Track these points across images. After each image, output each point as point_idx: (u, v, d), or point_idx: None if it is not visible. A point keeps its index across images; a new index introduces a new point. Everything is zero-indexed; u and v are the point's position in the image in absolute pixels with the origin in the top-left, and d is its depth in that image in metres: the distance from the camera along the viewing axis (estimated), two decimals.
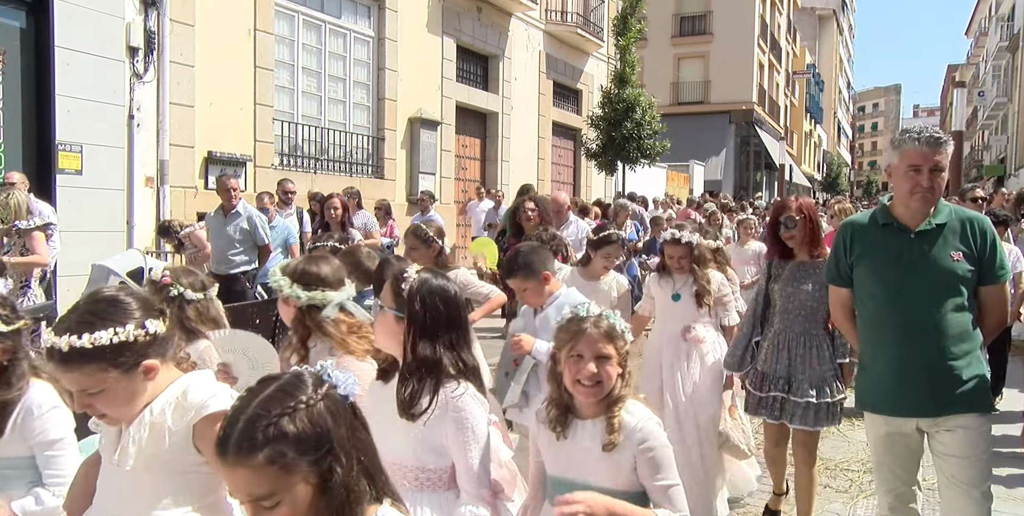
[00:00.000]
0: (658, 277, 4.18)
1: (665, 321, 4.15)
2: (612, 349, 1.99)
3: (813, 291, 3.55)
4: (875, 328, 2.78)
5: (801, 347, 3.57)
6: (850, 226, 2.85)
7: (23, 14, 7.29)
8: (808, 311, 3.57)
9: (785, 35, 42.14)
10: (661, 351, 4.08)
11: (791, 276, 3.62)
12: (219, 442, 1.28)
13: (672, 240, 3.97)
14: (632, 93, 16.50)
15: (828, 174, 56.67)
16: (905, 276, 2.67)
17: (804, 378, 3.55)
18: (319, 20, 11.12)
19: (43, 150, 7.37)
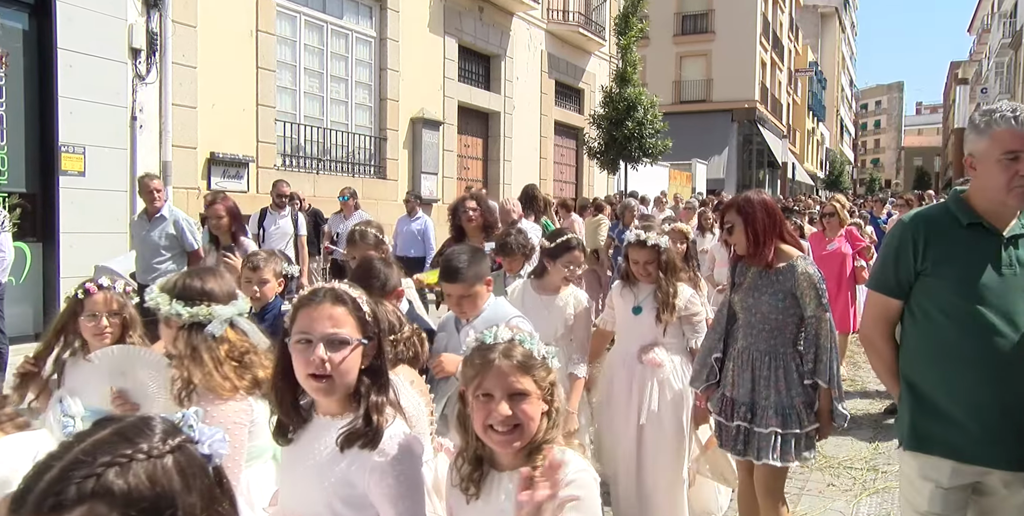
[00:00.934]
0: (621, 285, 3.68)
1: (623, 338, 3.66)
2: (530, 383, 1.60)
3: (776, 302, 3.04)
4: (945, 354, 2.20)
5: (766, 368, 3.06)
6: (922, 222, 2.26)
7: (25, 16, 7.30)
8: (773, 326, 3.06)
9: (787, 33, 42.06)
10: (615, 374, 3.62)
11: (752, 285, 3.11)
12: (15, 497, 0.90)
13: (637, 243, 3.50)
14: (634, 92, 16.50)
15: (831, 172, 56.55)
16: (998, 293, 2.13)
17: (768, 404, 3.04)
18: (321, 21, 11.12)
19: (46, 152, 7.38)
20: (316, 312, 1.64)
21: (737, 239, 3.09)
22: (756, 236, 3.05)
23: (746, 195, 3.16)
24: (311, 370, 1.61)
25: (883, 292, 2.35)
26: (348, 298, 1.68)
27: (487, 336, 1.66)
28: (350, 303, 1.68)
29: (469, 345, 1.69)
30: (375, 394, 1.68)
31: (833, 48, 58.14)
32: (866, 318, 2.45)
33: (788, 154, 39.74)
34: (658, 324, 3.49)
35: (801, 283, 3.02)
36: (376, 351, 1.72)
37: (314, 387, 1.64)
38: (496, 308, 3.03)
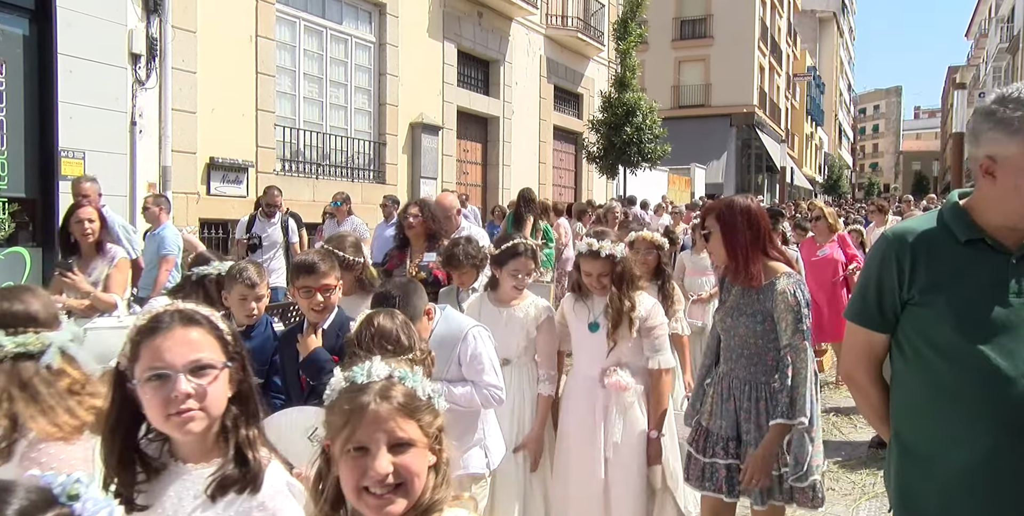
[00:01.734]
0: (573, 299, 3.27)
1: (581, 360, 3.25)
2: (414, 429, 1.28)
3: (754, 325, 2.71)
4: (941, 403, 1.75)
5: (746, 398, 2.74)
6: (909, 237, 1.77)
7: (26, 21, 7.32)
8: (752, 352, 2.74)
9: (785, 38, 42.18)
10: (571, 405, 3.21)
11: (734, 304, 2.80)
12: None
13: (589, 253, 3.08)
14: (633, 97, 16.54)
15: (829, 176, 56.64)
16: (1004, 327, 1.68)
17: (750, 440, 2.71)
18: (320, 26, 11.16)
19: (45, 157, 7.39)
20: (167, 340, 1.40)
21: (714, 247, 2.82)
22: (735, 251, 2.72)
23: (729, 200, 2.85)
24: (174, 409, 1.37)
25: (863, 324, 1.88)
26: (201, 317, 1.46)
27: (358, 373, 1.32)
28: (205, 322, 1.46)
29: (333, 387, 1.35)
30: (245, 427, 1.46)
31: (831, 53, 58.29)
32: (846, 353, 1.98)
33: (787, 159, 39.79)
34: (615, 342, 3.08)
35: (778, 304, 2.67)
36: (242, 374, 1.50)
37: (181, 427, 1.39)
38: (447, 322, 2.79)
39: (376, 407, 1.27)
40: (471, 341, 2.77)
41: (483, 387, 2.76)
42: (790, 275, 2.72)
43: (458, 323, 2.82)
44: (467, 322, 2.83)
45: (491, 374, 2.78)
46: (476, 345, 2.77)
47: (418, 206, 4.77)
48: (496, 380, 2.79)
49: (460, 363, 2.77)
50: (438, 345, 2.65)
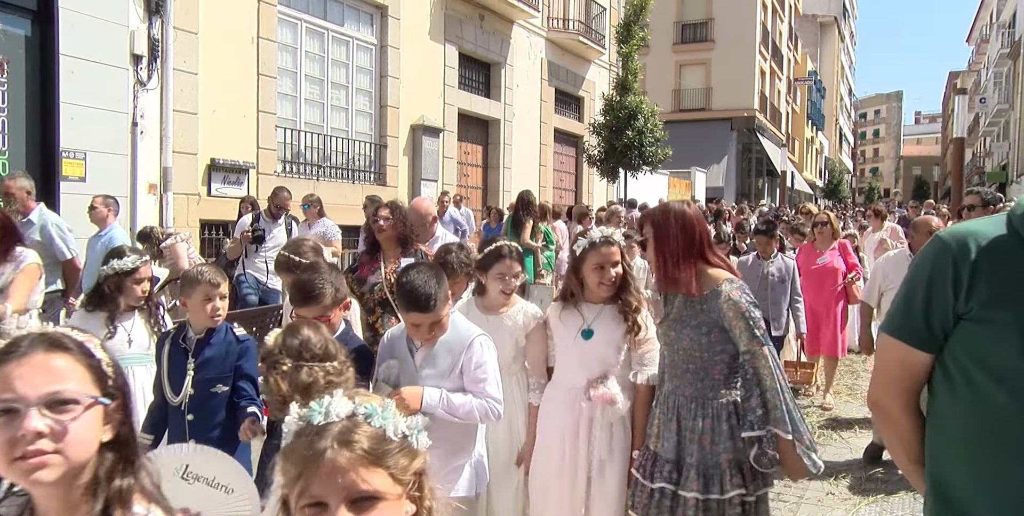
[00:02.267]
0: (560, 307, 3.02)
1: (565, 372, 2.98)
2: (382, 479, 1.09)
3: (698, 337, 2.55)
4: (997, 445, 1.42)
5: (691, 417, 2.56)
6: (972, 242, 1.47)
7: (28, 22, 7.33)
8: (698, 367, 2.57)
9: (786, 42, 42.24)
10: (550, 421, 2.96)
11: (677, 316, 2.64)
12: None
13: (604, 241, 2.85)
14: (634, 100, 16.55)
15: (830, 181, 56.68)
16: None
17: (693, 462, 2.53)
18: (322, 28, 11.17)
19: (47, 157, 7.40)
20: (20, 367, 1.14)
21: (651, 255, 2.70)
22: (665, 258, 2.60)
23: (664, 205, 2.75)
24: (19, 451, 1.11)
25: (905, 340, 1.55)
26: (71, 343, 1.19)
27: (315, 412, 1.12)
28: (75, 349, 1.19)
29: (289, 426, 1.15)
30: (120, 477, 1.19)
31: (832, 57, 58.37)
32: (877, 376, 1.65)
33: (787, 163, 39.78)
34: (620, 351, 2.85)
35: (726, 313, 2.53)
36: (121, 415, 1.23)
37: (27, 475, 1.12)
38: (456, 328, 2.63)
39: (334, 455, 1.06)
40: (477, 349, 2.62)
41: (484, 398, 2.59)
42: (732, 281, 2.58)
43: (465, 329, 2.66)
44: (474, 329, 2.68)
45: (494, 386, 2.63)
46: (482, 354, 2.63)
47: (389, 208, 4.39)
48: (498, 393, 2.64)
49: (463, 372, 2.61)
50: (444, 351, 2.57)
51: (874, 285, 5.10)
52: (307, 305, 2.70)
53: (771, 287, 5.77)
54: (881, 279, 4.98)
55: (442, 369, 2.58)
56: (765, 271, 5.81)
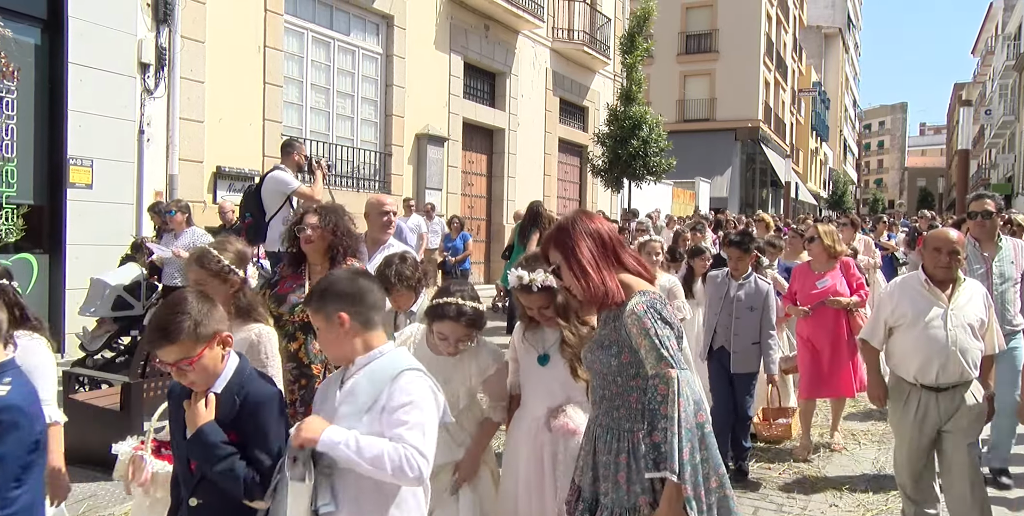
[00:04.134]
0: (522, 328, 2.88)
1: (528, 398, 2.83)
2: None
3: (608, 359, 2.23)
4: None
5: (606, 450, 2.24)
6: None
7: (38, 31, 7.40)
8: (613, 393, 2.24)
9: (791, 53, 42.33)
10: (518, 452, 2.79)
11: (596, 336, 2.36)
12: None
13: (521, 287, 2.69)
14: (638, 111, 16.59)
15: (834, 192, 56.66)
16: None
17: (608, 502, 2.23)
18: (328, 37, 11.23)
19: (54, 164, 7.45)
20: None
21: (569, 281, 2.30)
22: (583, 270, 2.24)
23: (562, 222, 2.37)
24: None
25: None
26: None
27: None
28: None
29: None
30: None
31: (837, 68, 58.46)
32: None
33: (791, 174, 39.82)
34: (576, 379, 2.69)
35: (631, 329, 2.17)
36: None
37: None
38: (391, 358, 2.11)
39: None
40: (403, 385, 2.03)
41: (403, 445, 1.94)
42: (643, 293, 2.20)
43: (396, 360, 2.11)
44: (408, 362, 2.12)
45: (418, 435, 1.98)
46: (410, 392, 2.03)
47: (318, 214, 3.64)
48: (424, 445, 1.97)
49: (382, 410, 2.02)
50: (366, 383, 2.05)
51: (879, 320, 3.65)
52: (159, 345, 2.06)
53: (736, 315, 4.72)
54: (889, 312, 3.57)
55: (359, 405, 2.04)
56: (732, 294, 4.77)
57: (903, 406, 3.54)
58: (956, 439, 3.45)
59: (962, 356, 3.37)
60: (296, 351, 3.49)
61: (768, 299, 4.77)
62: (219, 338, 2.12)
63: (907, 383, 3.53)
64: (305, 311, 3.28)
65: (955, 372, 3.39)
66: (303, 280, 3.58)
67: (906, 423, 3.53)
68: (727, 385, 4.77)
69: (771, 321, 4.78)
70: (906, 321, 3.47)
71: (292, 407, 3.40)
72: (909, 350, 3.47)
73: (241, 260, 2.96)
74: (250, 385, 2.15)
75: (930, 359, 3.39)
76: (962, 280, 3.49)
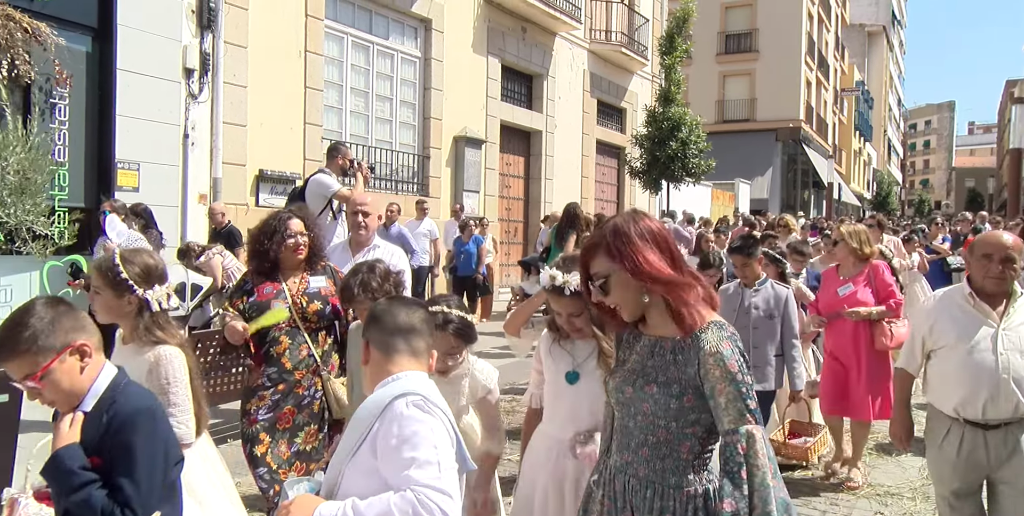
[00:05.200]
0: (550, 339, 2.58)
1: (551, 417, 2.54)
2: None
3: (667, 400, 1.80)
4: None
5: (648, 509, 1.83)
6: None
7: (89, 39, 7.61)
8: (662, 440, 1.84)
9: (833, 52, 41.60)
10: (536, 476, 2.50)
11: (639, 366, 1.89)
12: None
13: (552, 288, 2.44)
14: (677, 111, 16.45)
15: (878, 193, 55.49)
16: None
17: None
18: (367, 41, 11.36)
19: (103, 168, 7.65)
20: None
21: (618, 297, 1.84)
22: (655, 280, 1.79)
23: (618, 224, 1.85)
24: None
25: None
26: None
27: None
28: None
29: None
30: None
31: (880, 67, 57.28)
32: None
33: (834, 174, 39.10)
34: None
35: (711, 371, 1.76)
36: None
37: None
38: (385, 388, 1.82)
39: None
40: (396, 417, 1.72)
41: (411, 488, 1.62)
42: (721, 326, 1.81)
43: (391, 387, 1.80)
44: (401, 388, 1.79)
45: (430, 472, 1.64)
46: (406, 424, 1.70)
47: (302, 220, 3.43)
48: (439, 479, 1.64)
49: (379, 453, 1.72)
50: (354, 422, 1.79)
51: (915, 342, 3.09)
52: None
53: (754, 325, 4.29)
54: (927, 331, 3.01)
55: (349, 445, 1.78)
56: (747, 303, 4.34)
57: (940, 445, 2.95)
58: (1014, 495, 2.82)
59: (1016, 386, 2.78)
60: (280, 355, 3.32)
61: (789, 305, 4.33)
62: (72, 348, 1.83)
63: (947, 417, 2.95)
64: (291, 316, 3.30)
65: (1007, 406, 2.79)
66: (280, 286, 3.37)
67: (945, 466, 2.95)
68: None
69: (794, 329, 4.34)
70: (947, 343, 2.90)
71: (251, 416, 3.31)
72: (950, 378, 2.90)
73: (146, 276, 2.53)
74: (120, 399, 1.85)
75: (976, 389, 2.82)
76: (1018, 294, 2.90)
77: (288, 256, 3.37)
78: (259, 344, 3.33)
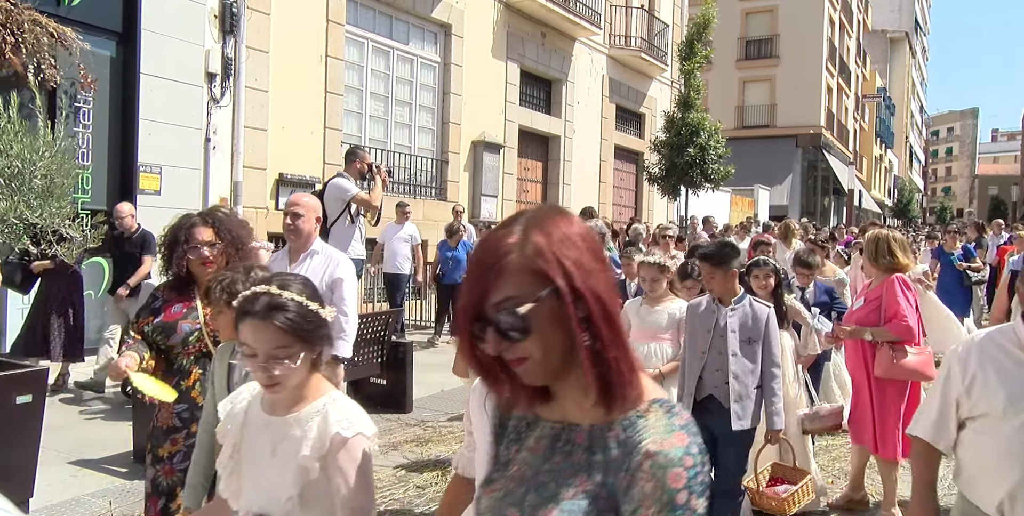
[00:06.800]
0: (483, 391, 1.31)
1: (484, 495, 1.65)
2: None
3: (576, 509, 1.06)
4: None
5: None
6: None
7: (113, 43, 7.70)
8: None
9: (855, 58, 41.28)
10: None
11: (527, 470, 1.15)
12: None
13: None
14: (696, 117, 16.38)
15: (899, 200, 54.92)
16: None
17: None
18: (388, 46, 11.41)
19: (126, 171, 7.73)
20: None
21: (539, 343, 1.08)
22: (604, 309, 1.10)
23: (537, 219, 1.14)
24: None
25: None
26: None
27: None
28: None
29: None
30: None
31: (903, 73, 56.77)
32: None
33: (855, 181, 38.77)
34: None
35: (639, 482, 1.04)
36: None
37: None
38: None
39: None
40: None
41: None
42: (669, 408, 1.11)
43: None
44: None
45: None
46: None
47: (212, 226, 2.85)
48: None
49: None
50: None
51: (946, 404, 2.07)
52: None
53: (732, 351, 3.47)
54: (963, 390, 2.01)
55: None
56: (722, 323, 3.50)
57: None
58: None
59: None
60: (189, 389, 2.71)
61: (769, 327, 3.53)
62: None
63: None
64: (201, 340, 2.71)
65: None
66: (193, 303, 2.80)
67: None
68: (712, 449, 3.40)
69: (774, 356, 3.55)
70: (991, 410, 1.93)
71: (166, 464, 2.66)
72: (994, 461, 1.94)
73: None
74: None
75: None
76: None
77: (197, 269, 2.82)
78: (169, 374, 2.74)
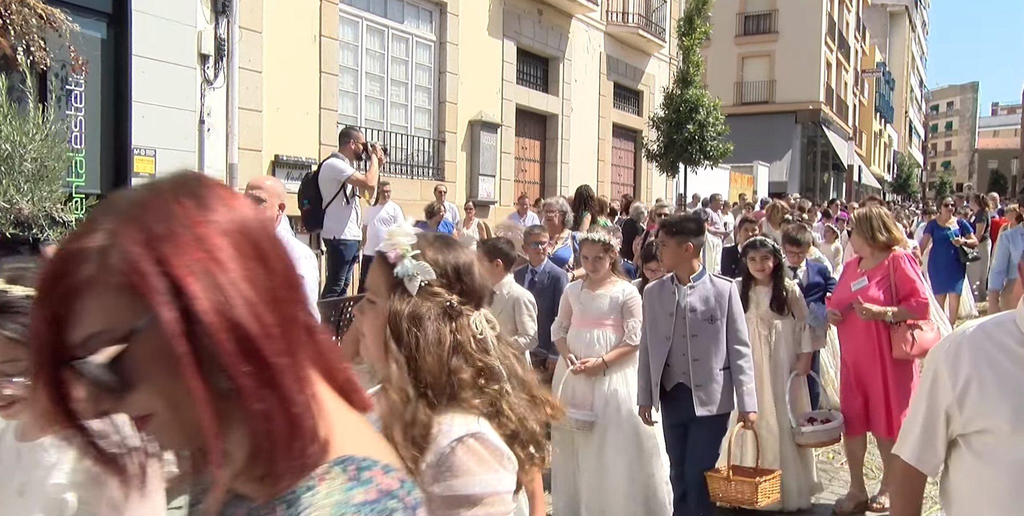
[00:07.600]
0: None
1: None
2: None
3: None
4: None
5: None
6: None
7: (104, 25, 7.59)
8: None
9: (854, 33, 40.91)
10: None
11: None
12: None
13: None
14: (695, 94, 16.25)
15: (899, 175, 54.76)
16: None
17: None
18: (382, 25, 11.27)
19: (119, 154, 7.66)
20: None
21: (155, 397, 0.73)
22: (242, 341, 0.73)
23: (143, 201, 0.83)
24: None
25: None
26: None
27: None
28: None
29: None
30: None
31: (902, 48, 56.31)
32: None
33: (854, 157, 38.63)
34: None
35: None
36: None
37: None
38: None
39: None
40: None
41: None
42: (356, 476, 0.73)
43: None
44: None
45: None
46: None
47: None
48: None
49: None
50: None
51: (933, 419, 1.61)
52: None
53: (692, 332, 3.34)
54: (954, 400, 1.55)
55: None
56: (683, 303, 3.36)
57: None
58: None
59: None
60: None
61: (733, 303, 3.36)
62: None
63: None
64: None
65: None
66: None
67: None
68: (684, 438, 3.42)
69: (740, 333, 3.37)
70: (995, 428, 1.50)
71: None
72: (994, 495, 1.51)
73: None
74: None
75: None
76: None
77: None
78: None
